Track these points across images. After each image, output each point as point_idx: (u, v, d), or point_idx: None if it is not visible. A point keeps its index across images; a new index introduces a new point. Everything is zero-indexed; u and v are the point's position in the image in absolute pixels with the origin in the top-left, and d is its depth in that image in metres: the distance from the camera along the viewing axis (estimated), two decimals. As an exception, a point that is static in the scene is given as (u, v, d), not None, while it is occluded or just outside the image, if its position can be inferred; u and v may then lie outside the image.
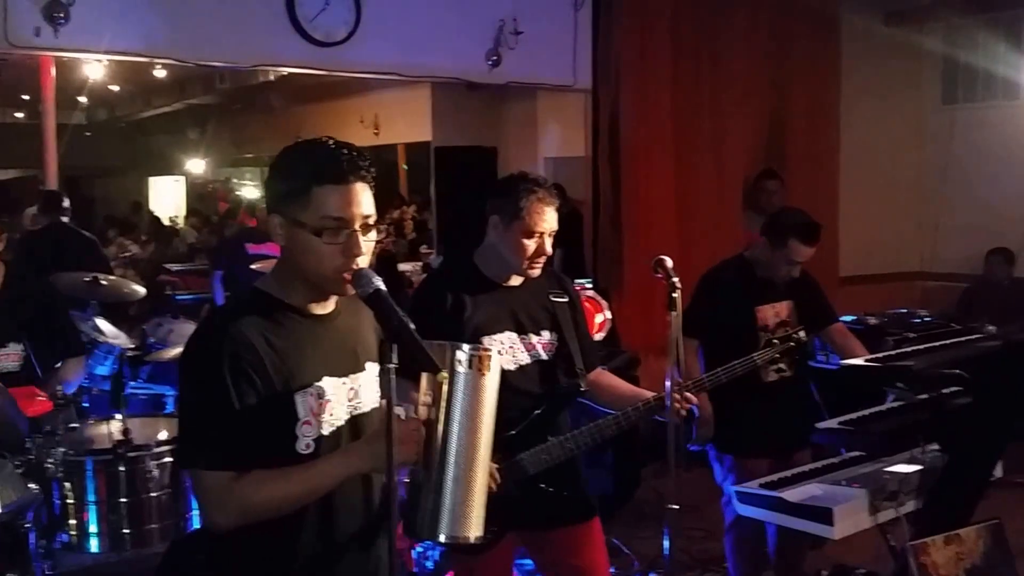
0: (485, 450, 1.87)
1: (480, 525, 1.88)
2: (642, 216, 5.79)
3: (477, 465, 1.85)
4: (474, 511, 1.86)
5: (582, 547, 2.78)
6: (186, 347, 1.86)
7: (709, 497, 4.41)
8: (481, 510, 1.88)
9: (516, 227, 2.60)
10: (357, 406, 1.93)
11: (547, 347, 2.75)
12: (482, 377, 1.85)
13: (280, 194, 1.82)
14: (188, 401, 1.83)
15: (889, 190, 7.09)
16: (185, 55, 4.69)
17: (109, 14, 4.33)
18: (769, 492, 2.89)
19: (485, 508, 1.89)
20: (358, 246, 1.78)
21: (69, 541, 2.88)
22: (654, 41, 5.74)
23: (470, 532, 1.87)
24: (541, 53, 5.58)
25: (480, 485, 1.87)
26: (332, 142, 1.83)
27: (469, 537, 1.87)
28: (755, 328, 3.47)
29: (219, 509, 1.77)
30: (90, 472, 2.90)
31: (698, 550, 4.48)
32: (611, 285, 5.76)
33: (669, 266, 2.62)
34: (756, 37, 6.12)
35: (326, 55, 4.92)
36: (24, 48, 4.22)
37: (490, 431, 1.88)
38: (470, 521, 1.86)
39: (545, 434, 2.64)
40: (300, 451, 1.82)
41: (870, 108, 6.84)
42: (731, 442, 3.58)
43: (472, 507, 1.86)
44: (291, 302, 1.86)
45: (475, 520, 1.87)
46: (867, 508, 2.72)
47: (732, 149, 6.05)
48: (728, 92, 6.00)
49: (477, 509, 1.87)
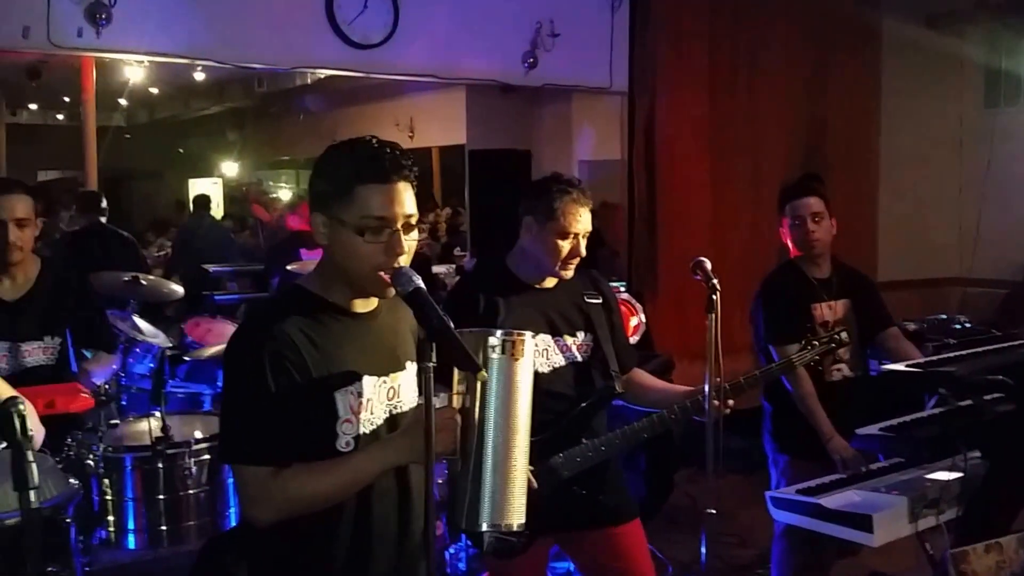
0: (523, 436, 1.86)
1: (522, 512, 1.87)
2: (677, 219, 5.77)
3: (515, 451, 1.84)
4: (515, 498, 1.84)
5: (623, 549, 2.76)
6: (229, 344, 1.88)
7: (743, 503, 4.38)
8: (522, 497, 1.86)
9: (550, 228, 2.60)
10: (396, 405, 1.94)
11: (582, 349, 2.73)
12: (515, 362, 1.84)
13: (323, 193, 1.83)
14: (231, 397, 1.85)
15: (929, 195, 6.99)
16: (225, 57, 4.74)
17: (150, 15, 4.39)
18: (806, 498, 2.85)
19: (526, 496, 1.88)
20: (400, 245, 1.79)
21: (107, 537, 2.91)
22: (691, 43, 5.72)
23: (512, 519, 1.85)
24: (577, 55, 5.57)
25: (520, 472, 1.85)
26: (375, 141, 1.85)
27: (512, 524, 1.86)
28: (814, 327, 3.43)
29: (259, 504, 1.79)
30: (129, 469, 2.94)
31: (731, 556, 4.44)
32: (645, 288, 5.74)
33: (708, 268, 2.60)
34: (795, 40, 6.08)
35: (364, 57, 4.96)
36: (66, 49, 4.29)
37: (527, 416, 1.87)
38: (511, 508, 1.84)
39: (580, 437, 2.63)
40: (340, 449, 1.83)
41: (910, 112, 6.75)
42: (789, 443, 3.54)
43: (512, 494, 1.84)
44: (333, 300, 1.88)
45: (516, 507, 1.85)
46: (907, 515, 2.68)
47: (769, 152, 6.00)
48: (766, 95, 5.96)
49: (518, 496, 1.85)
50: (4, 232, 2.92)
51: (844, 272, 3.62)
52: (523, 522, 1.87)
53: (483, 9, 5.30)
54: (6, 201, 2.92)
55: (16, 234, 2.94)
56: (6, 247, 2.94)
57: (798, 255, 3.60)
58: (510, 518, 1.85)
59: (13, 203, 2.93)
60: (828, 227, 3.48)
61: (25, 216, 2.96)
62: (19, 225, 2.95)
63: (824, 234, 3.46)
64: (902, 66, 6.65)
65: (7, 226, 2.92)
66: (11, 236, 2.93)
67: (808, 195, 3.47)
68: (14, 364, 2.98)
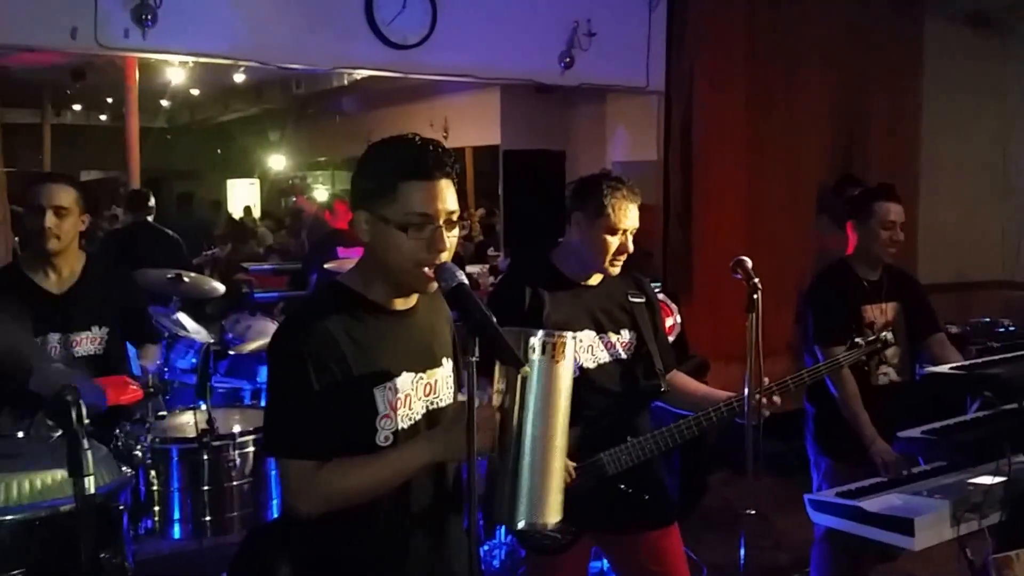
0: (561, 437, 1.87)
1: (558, 511, 1.88)
2: (713, 220, 5.73)
3: (553, 452, 1.85)
4: (551, 497, 1.86)
5: (663, 553, 2.74)
6: (273, 340, 1.91)
7: (779, 506, 4.34)
8: (559, 496, 1.87)
9: (600, 224, 2.61)
10: (434, 401, 1.96)
11: (626, 347, 2.74)
12: (556, 364, 1.85)
13: (366, 190, 1.85)
14: (275, 392, 1.88)
15: (971, 197, 6.88)
16: (267, 57, 4.80)
17: (194, 17, 4.45)
18: (847, 501, 2.83)
19: (562, 495, 1.88)
20: (442, 241, 1.81)
21: (153, 527, 2.97)
22: (729, 42, 5.68)
23: (548, 518, 1.87)
24: (614, 55, 5.56)
25: (557, 472, 1.86)
26: (418, 138, 1.87)
27: (547, 523, 1.87)
28: (862, 328, 3.40)
29: (303, 496, 1.81)
30: (175, 460, 2.99)
31: (768, 560, 4.41)
32: (680, 289, 5.71)
33: (749, 266, 2.59)
34: (835, 40, 6.01)
35: (402, 57, 4.99)
36: (113, 49, 4.37)
37: (565, 418, 1.88)
38: (548, 507, 1.86)
39: (624, 434, 2.63)
40: (379, 443, 1.86)
41: (952, 113, 6.65)
42: (831, 446, 3.52)
43: (549, 493, 1.85)
44: (372, 298, 1.90)
45: (553, 507, 1.87)
46: (949, 519, 2.64)
47: (807, 153, 5.94)
48: (804, 95, 5.90)
49: (554, 495, 1.86)
50: (41, 218, 2.94)
51: (894, 275, 3.59)
52: (559, 521, 1.88)
53: (520, 9, 5.31)
54: (46, 188, 2.95)
55: (53, 221, 2.95)
56: (42, 233, 2.96)
57: (851, 255, 3.57)
58: (546, 517, 1.86)
59: (53, 191, 2.96)
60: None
61: (65, 205, 2.98)
62: (57, 214, 2.96)
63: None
64: (944, 67, 6.55)
65: (45, 212, 2.94)
66: (48, 222, 2.94)
67: (897, 201, 3.48)
68: (65, 355, 3.04)
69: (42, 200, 2.96)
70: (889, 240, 3.47)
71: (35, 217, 2.97)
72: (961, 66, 6.70)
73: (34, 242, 3.03)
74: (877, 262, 3.52)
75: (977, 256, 7.00)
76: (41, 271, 3.06)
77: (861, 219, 3.49)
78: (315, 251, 6.58)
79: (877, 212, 3.45)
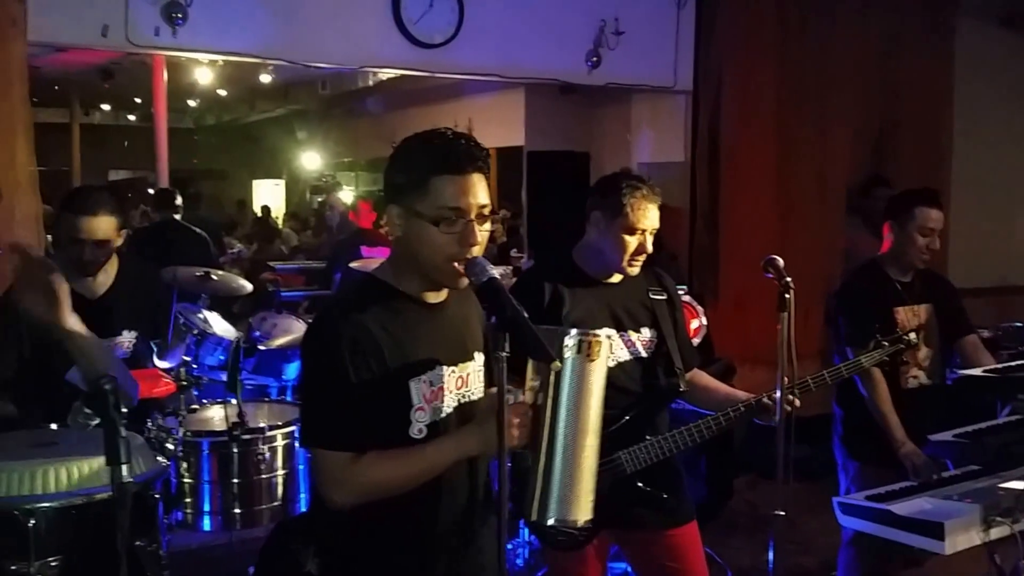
0: (593, 435, 1.87)
1: (589, 509, 1.87)
2: (740, 221, 5.69)
3: (585, 450, 1.85)
4: (583, 495, 1.86)
5: (681, 551, 2.73)
6: (309, 333, 1.92)
7: (805, 510, 4.31)
8: (590, 495, 1.87)
9: (618, 223, 2.60)
10: (465, 394, 1.96)
11: (646, 344, 2.73)
12: (591, 363, 1.84)
13: (399, 184, 1.86)
14: (311, 384, 1.89)
15: (1004, 199, 6.79)
16: (295, 56, 4.83)
17: (224, 16, 4.49)
18: (876, 504, 2.80)
19: (594, 495, 1.88)
20: (474, 235, 1.81)
21: (184, 519, 3.01)
22: (758, 41, 5.62)
23: (579, 516, 1.86)
24: (642, 54, 5.53)
25: (589, 470, 1.86)
26: (450, 133, 1.87)
27: (578, 521, 1.87)
28: (893, 331, 3.37)
29: (338, 488, 1.82)
30: (206, 453, 3.02)
31: (794, 564, 4.37)
32: (706, 292, 5.68)
33: (781, 265, 2.56)
34: (866, 40, 5.94)
35: (428, 57, 5.00)
36: (145, 48, 4.42)
37: (598, 416, 1.87)
38: (579, 505, 1.86)
39: (644, 433, 2.62)
40: (413, 436, 1.86)
41: (984, 114, 6.56)
42: (860, 449, 3.49)
43: (581, 491, 1.85)
44: (405, 291, 1.91)
45: (584, 504, 1.86)
46: (980, 524, 2.61)
47: (837, 154, 5.87)
48: (834, 96, 5.83)
49: (586, 494, 1.86)
50: (82, 250, 2.96)
51: (927, 276, 3.54)
52: (590, 519, 1.88)
53: (547, 8, 5.30)
54: (87, 223, 2.94)
55: (95, 253, 2.98)
56: (83, 264, 2.99)
57: (883, 255, 3.53)
58: (577, 515, 1.86)
59: (95, 225, 2.95)
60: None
61: (106, 238, 2.99)
62: (98, 245, 2.98)
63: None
64: (976, 66, 6.46)
65: (86, 245, 2.96)
66: (87, 256, 2.97)
67: (939, 208, 3.42)
68: None
69: (83, 235, 2.96)
70: (925, 247, 3.41)
71: (75, 247, 2.98)
72: (994, 67, 6.61)
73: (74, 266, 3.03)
74: (910, 267, 3.48)
75: (1009, 259, 6.91)
76: (76, 276, 3.08)
77: (900, 222, 3.43)
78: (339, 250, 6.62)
79: (917, 217, 3.39)
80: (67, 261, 3.06)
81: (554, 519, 1.86)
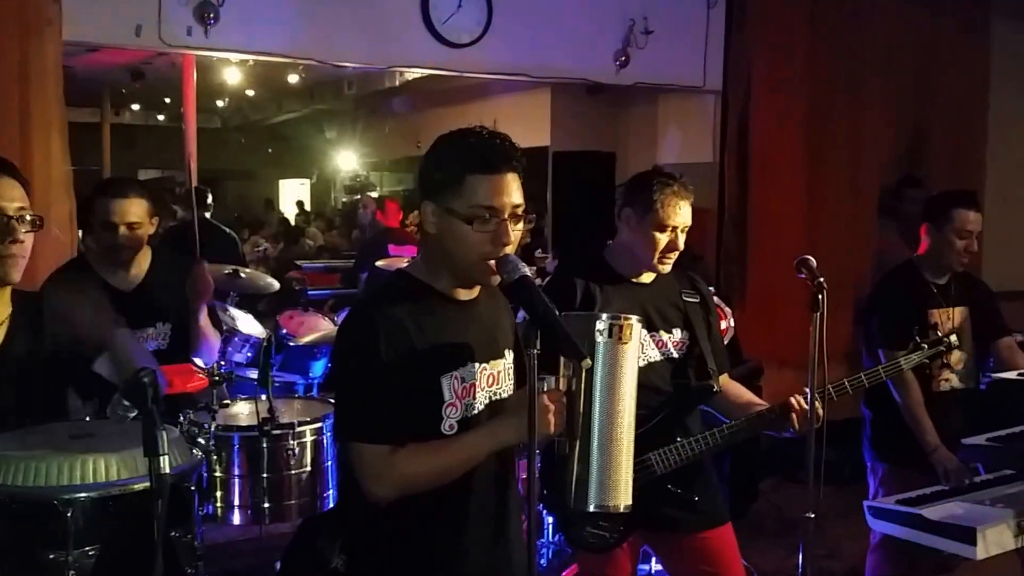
0: (629, 418, 1.87)
1: (628, 494, 1.87)
2: (769, 223, 5.64)
3: (622, 434, 1.85)
4: (622, 480, 1.85)
5: (716, 554, 2.72)
6: (342, 329, 1.94)
7: (832, 515, 4.27)
8: (628, 479, 1.87)
9: (649, 220, 2.59)
10: (496, 392, 1.97)
11: (678, 345, 2.72)
12: (623, 346, 1.85)
13: (434, 182, 1.87)
14: (347, 378, 1.89)
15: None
16: (324, 56, 4.86)
17: (255, 16, 4.52)
18: (907, 508, 2.79)
19: (632, 479, 1.87)
20: (507, 234, 1.82)
21: (214, 512, 3.04)
22: (789, 41, 5.57)
23: (619, 501, 1.86)
24: (671, 53, 5.50)
25: (626, 454, 1.86)
26: (485, 132, 1.88)
27: (619, 505, 1.87)
28: (927, 333, 3.33)
29: (379, 481, 1.83)
30: (236, 447, 3.06)
31: (821, 568, 4.34)
32: (734, 293, 5.64)
33: (814, 265, 2.55)
34: (898, 39, 5.87)
35: (457, 56, 5.00)
36: (177, 47, 4.46)
37: (632, 399, 1.87)
38: (619, 490, 1.85)
39: (675, 434, 2.61)
40: (444, 432, 1.87)
41: (1020, 114, 6.46)
42: (889, 451, 3.46)
43: (619, 476, 1.85)
44: (438, 287, 1.92)
45: (623, 489, 1.86)
46: (1012, 529, 2.60)
47: (868, 155, 5.81)
48: (866, 95, 5.77)
49: (625, 478, 1.86)
50: (115, 235, 3.01)
51: (962, 279, 3.51)
52: (630, 504, 1.87)
53: (576, 7, 5.29)
54: (119, 205, 3.00)
55: (127, 237, 3.03)
56: (117, 248, 3.04)
57: (920, 256, 3.50)
58: (617, 499, 1.86)
59: (126, 208, 3.01)
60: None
61: (138, 220, 3.04)
62: (130, 228, 3.03)
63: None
64: (1011, 68, 6.37)
65: (118, 229, 3.01)
66: (121, 239, 3.02)
67: (977, 209, 3.40)
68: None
69: (114, 217, 3.01)
70: (964, 250, 3.39)
71: (108, 233, 3.03)
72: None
73: (106, 253, 3.08)
74: (947, 269, 3.44)
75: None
76: (110, 268, 3.13)
77: (937, 224, 3.40)
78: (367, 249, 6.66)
79: (955, 219, 3.36)
80: (100, 254, 3.11)
81: (594, 504, 1.86)
